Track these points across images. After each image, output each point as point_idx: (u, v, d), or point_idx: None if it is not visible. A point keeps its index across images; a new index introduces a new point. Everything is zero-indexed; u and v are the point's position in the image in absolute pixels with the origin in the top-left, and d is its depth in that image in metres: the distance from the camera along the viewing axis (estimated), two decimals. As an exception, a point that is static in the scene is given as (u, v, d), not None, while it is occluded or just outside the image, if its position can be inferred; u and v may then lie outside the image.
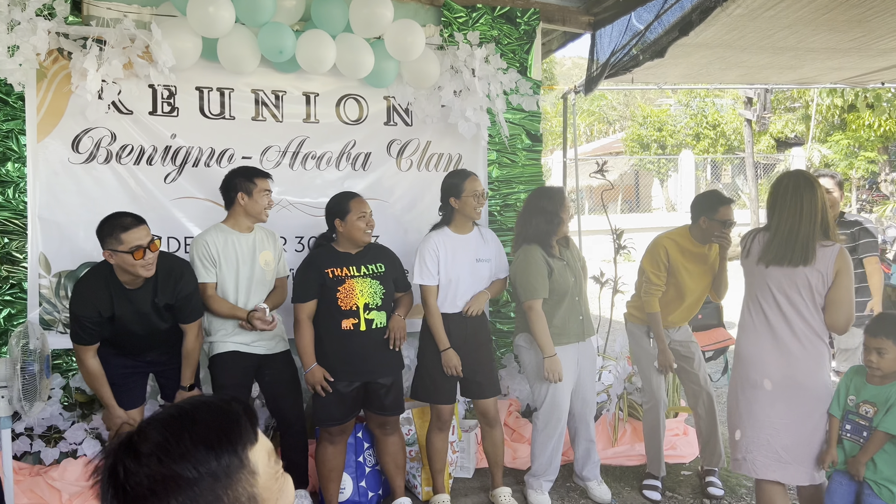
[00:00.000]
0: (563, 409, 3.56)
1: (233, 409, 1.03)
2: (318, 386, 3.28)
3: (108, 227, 2.89)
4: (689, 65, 5.46)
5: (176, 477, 0.94)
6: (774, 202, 2.85)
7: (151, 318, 3.07)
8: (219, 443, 0.98)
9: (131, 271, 2.91)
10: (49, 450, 3.59)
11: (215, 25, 3.46)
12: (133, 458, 0.95)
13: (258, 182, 3.31)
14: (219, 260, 3.31)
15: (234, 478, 0.98)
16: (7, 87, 3.48)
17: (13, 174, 3.57)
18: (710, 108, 19.65)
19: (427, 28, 4.23)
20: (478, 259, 3.55)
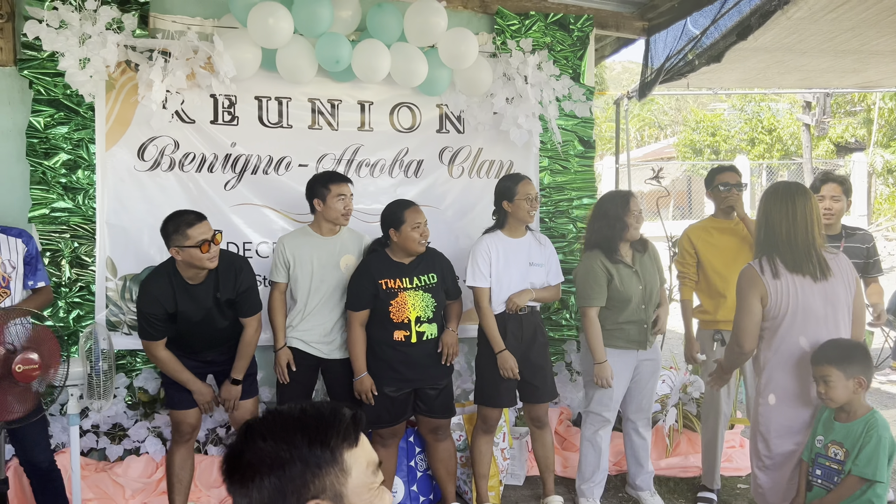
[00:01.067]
0: (610, 409, 3.54)
1: (340, 411, 1.13)
2: (365, 395, 3.34)
3: (172, 224, 3.00)
4: (747, 69, 5.37)
5: (272, 455, 1.06)
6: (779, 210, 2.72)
7: (213, 314, 3.16)
8: (314, 434, 1.09)
9: (197, 265, 3.02)
10: (114, 447, 3.72)
11: (275, 36, 3.55)
12: (250, 437, 1.10)
13: (332, 187, 3.37)
14: (292, 262, 3.41)
15: (323, 469, 1.07)
16: (78, 98, 3.64)
17: (83, 181, 3.72)
18: (766, 113, 19.18)
19: (480, 36, 4.26)
20: (531, 263, 3.55)
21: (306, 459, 1.06)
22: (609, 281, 3.46)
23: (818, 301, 2.63)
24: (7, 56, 3.67)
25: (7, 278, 3.02)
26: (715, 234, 3.74)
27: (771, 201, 2.73)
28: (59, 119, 3.67)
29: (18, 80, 3.68)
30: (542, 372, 3.57)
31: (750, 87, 7.73)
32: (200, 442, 3.81)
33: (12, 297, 3.03)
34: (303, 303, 3.43)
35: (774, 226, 2.68)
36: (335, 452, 1.08)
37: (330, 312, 3.46)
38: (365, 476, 1.11)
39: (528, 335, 3.54)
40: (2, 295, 2.99)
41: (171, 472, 3.29)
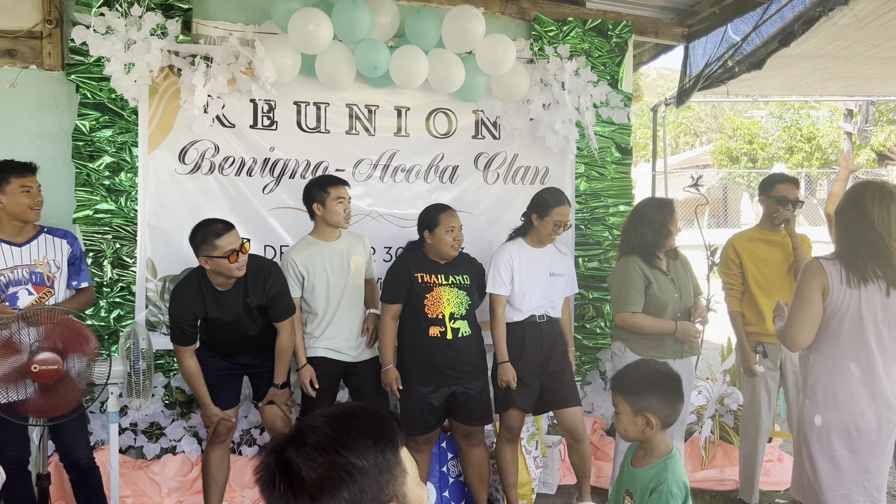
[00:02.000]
0: None
1: (385, 412, 1.12)
2: (390, 386, 3.35)
3: (201, 234, 3.03)
4: (788, 76, 5.28)
5: (349, 466, 1.02)
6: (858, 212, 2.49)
7: (242, 319, 3.19)
8: (382, 438, 1.07)
9: (226, 274, 3.05)
10: (151, 445, 3.78)
11: (314, 42, 3.59)
12: (307, 448, 1.04)
13: (331, 191, 3.36)
14: (306, 272, 3.40)
15: (394, 472, 1.07)
16: (122, 102, 3.72)
17: (126, 183, 3.80)
18: (805, 121, 18.83)
19: (517, 42, 4.25)
20: (552, 273, 3.54)
21: (380, 466, 1.05)
22: (647, 287, 3.43)
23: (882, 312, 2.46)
24: (55, 61, 3.77)
25: (51, 278, 3.10)
26: (760, 246, 3.67)
27: (867, 200, 2.47)
28: (103, 122, 3.75)
29: (66, 84, 3.77)
30: (563, 377, 3.54)
31: (791, 95, 7.59)
32: (235, 443, 3.86)
33: (56, 296, 3.10)
34: (323, 311, 3.44)
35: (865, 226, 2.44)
36: (398, 454, 1.08)
37: (352, 315, 3.48)
38: (413, 471, 1.12)
39: (549, 344, 3.52)
40: (46, 294, 3.06)
41: (207, 473, 3.33)
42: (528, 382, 3.46)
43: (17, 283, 3.04)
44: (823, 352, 2.54)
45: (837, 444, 2.51)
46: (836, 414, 2.50)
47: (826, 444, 2.52)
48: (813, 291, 2.47)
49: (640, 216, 3.53)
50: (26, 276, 3.05)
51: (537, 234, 3.51)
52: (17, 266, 3.04)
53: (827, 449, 2.53)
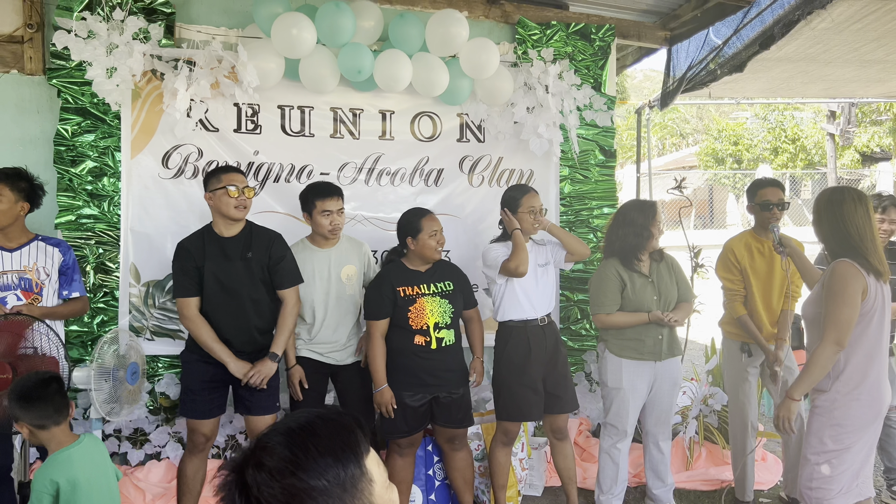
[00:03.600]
0: (626, 421, 3.50)
1: (347, 420, 1.08)
2: (384, 407, 3.32)
3: (213, 171, 3.22)
4: (770, 79, 5.33)
5: (309, 489, 0.99)
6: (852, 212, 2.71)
7: (242, 276, 3.14)
8: (343, 453, 1.03)
9: (225, 212, 3.12)
10: (135, 451, 3.76)
11: (298, 47, 3.59)
12: (265, 472, 1.00)
13: (318, 203, 3.34)
14: None
15: (358, 487, 1.03)
16: (105, 107, 3.70)
17: (108, 188, 3.78)
18: (790, 122, 18.99)
19: (501, 46, 4.27)
20: (539, 264, 3.56)
21: (343, 483, 1.02)
22: (622, 289, 3.45)
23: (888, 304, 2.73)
24: (36, 65, 3.74)
25: (40, 284, 3.08)
26: (756, 255, 3.66)
27: (846, 206, 2.70)
28: (85, 127, 3.73)
29: (47, 88, 3.75)
30: (565, 382, 3.57)
31: (774, 97, 7.66)
32: (220, 448, 3.84)
33: (44, 303, 3.08)
34: (310, 318, 3.43)
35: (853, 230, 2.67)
36: (362, 466, 1.05)
37: (339, 324, 3.46)
38: (381, 476, 1.09)
39: (552, 346, 3.53)
40: (34, 300, 3.04)
41: (182, 482, 3.28)
42: (538, 389, 3.46)
43: (5, 287, 3.02)
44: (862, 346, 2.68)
45: (868, 433, 2.69)
46: (870, 403, 2.68)
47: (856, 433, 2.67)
48: (854, 292, 2.62)
49: (622, 218, 3.55)
50: (15, 282, 3.03)
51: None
52: (6, 271, 3.03)
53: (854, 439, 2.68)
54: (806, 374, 2.70)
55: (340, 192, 3.41)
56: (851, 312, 2.61)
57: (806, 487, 2.76)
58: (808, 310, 2.82)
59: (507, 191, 3.63)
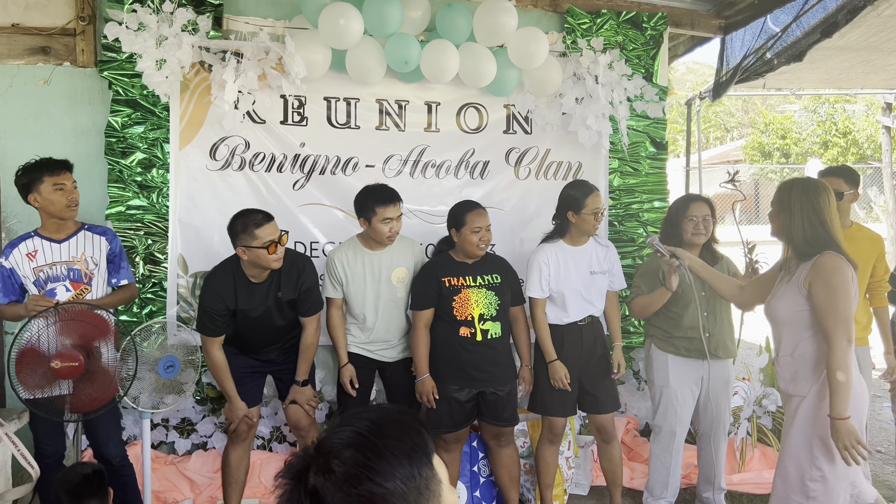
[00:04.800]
0: (674, 420, 3.40)
1: (411, 420, 1.04)
2: (426, 397, 3.30)
3: (240, 223, 3.00)
4: (829, 69, 5.13)
5: (386, 493, 0.95)
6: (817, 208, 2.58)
7: (272, 312, 3.17)
8: (416, 454, 0.99)
9: (263, 265, 3.02)
10: (182, 441, 3.80)
11: (345, 37, 3.56)
12: (337, 479, 0.95)
13: (378, 210, 3.22)
14: (346, 278, 3.35)
15: (431, 489, 0.99)
16: (154, 99, 3.72)
17: (157, 180, 3.80)
18: (841, 115, 18.40)
19: (550, 35, 4.18)
20: (592, 272, 3.45)
21: (418, 486, 0.97)
22: (663, 280, 3.36)
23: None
24: (88, 57, 3.79)
25: (89, 275, 3.11)
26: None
27: (819, 197, 2.55)
28: (135, 119, 3.76)
29: (98, 80, 3.79)
30: (603, 382, 3.47)
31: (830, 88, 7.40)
32: (265, 439, 3.85)
33: (93, 293, 3.11)
34: (361, 318, 3.39)
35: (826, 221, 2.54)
36: (432, 466, 1.01)
37: (388, 326, 3.42)
38: (445, 477, 1.05)
39: (588, 346, 3.44)
40: (84, 291, 3.07)
41: (227, 471, 3.30)
42: (569, 387, 3.39)
43: (55, 279, 3.05)
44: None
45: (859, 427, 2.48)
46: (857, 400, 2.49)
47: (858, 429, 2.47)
48: (851, 286, 2.47)
49: (667, 214, 3.54)
50: (64, 273, 3.06)
51: (578, 230, 3.43)
52: (55, 262, 3.06)
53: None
54: (836, 384, 2.40)
55: (399, 197, 3.31)
56: (851, 304, 2.46)
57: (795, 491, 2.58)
58: (780, 309, 2.61)
59: (567, 189, 3.46)
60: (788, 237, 2.61)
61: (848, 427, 2.38)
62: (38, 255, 3.03)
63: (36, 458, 2.89)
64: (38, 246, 3.04)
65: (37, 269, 3.02)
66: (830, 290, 2.45)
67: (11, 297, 3.03)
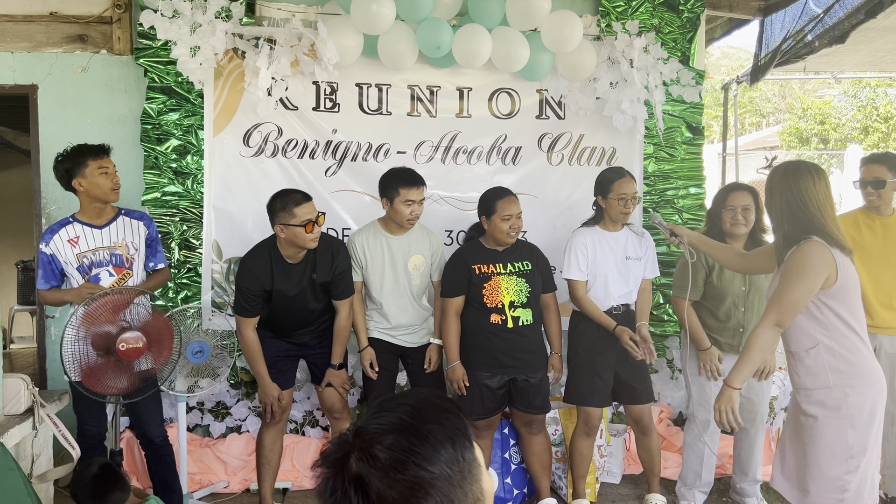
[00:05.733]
0: (709, 409, 3.35)
1: (449, 405, 1.02)
2: (457, 384, 3.30)
3: (280, 202, 3.04)
4: (872, 51, 4.98)
5: (433, 478, 0.94)
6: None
7: (306, 294, 3.19)
8: (460, 439, 0.98)
9: (300, 244, 3.06)
10: (217, 424, 3.85)
11: (377, 22, 3.54)
12: (381, 465, 0.94)
13: (402, 191, 3.24)
14: (365, 261, 3.37)
15: (473, 472, 0.99)
16: (189, 85, 3.75)
17: (192, 166, 3.84)
18: (882, 99, 17.89)
19: (584, 18, 4.11)
20: (627, 257, 3.42)
21: (462, 470, 0.96)
22: (706, 275, 3.31)
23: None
24: (124, 45, 3.84)
25: (130, 260, 3.15)
26: (865, 232, 3.46)
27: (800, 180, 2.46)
28: (170, 106, 3.80)
29: (134, 68, 3.84)
30: (640, 373, 3.43)
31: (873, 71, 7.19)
32: (298, 423, 3.89)
33: (134, 278, 3.15)
34: (379, 302, 3.41)
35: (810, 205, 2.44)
36: (474, 450, 1.00)
37: (408, 311, 3.43)
38: (482, 461, 1.04)
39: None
40: (126, 275, 3.11)
41: (261, 454, 3.35)
42: (602, 376, 3.38)
43: (98, 264, 3.10)
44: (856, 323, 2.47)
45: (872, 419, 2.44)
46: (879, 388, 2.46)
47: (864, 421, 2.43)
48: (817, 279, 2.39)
49: (715, 203, 3.44)
50: (107, 258, 3.11)
51: (608, 215, 3.40)
52: (98, 248, 3.10)
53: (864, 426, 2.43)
54: (745, 358, 2.45)
55: (423, 182, 3.33)
56: (802, 295, 2.38)
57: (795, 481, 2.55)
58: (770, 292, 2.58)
59: (601, 174, 3.47)
60: (774, 222, 2.55)
61: (731, 395, 2.45)
62: (80, 240, 3.08)
63: (78, 439, 2.96)
64: (79, 232, 3.09)
65: (80, 255, 3.07)
66: (787, 273, 2.42)
67: (52, 282, 3.09)
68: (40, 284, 3.09)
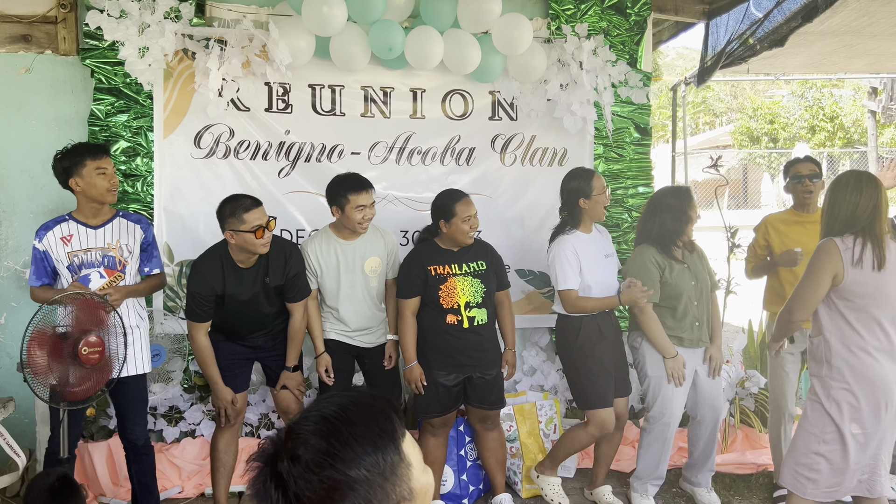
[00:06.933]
0: (673, 413, 3.43)
1: (380, 404, 1.04)
2: (415, 384, 3.33)
3: (229, 207, 3.02)
4: (811, 54, 5.16)
5: (349, 481, 0.95)
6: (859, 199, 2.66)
7: (260, 298, 3.18)
8: (381, 440, 0.99)
9: (250, 249, 3.04)
10: (170, 429, 3.81)
11: (329, 24, 3.55)
12: (301, 465, 0.96)
13: (351, 198, 3.24)
14: (320, 269, 3.37)
15: (398, 473, 1.00)
16: (137, 87, 3.71)
17: (142, 168, 3.80)
18: (828, 99, 18.49)
19: (534, 21, 4.18)
20: (606, 255, 3.51)
21: (383, 472, 0.98)
22: (661, 276, 3.38)
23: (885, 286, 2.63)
24: (70, 45, 3.76)
25: (123, 262, 3.09)
26: (794, 227, 3.63)
27: (837, 190, 2.71)
28: (119, 107, 3.75)
29: (81, 69, 3.77)
30: (625, 364, 3.58)
31: (814, 73, 7.43)
32: (253, 426, 3.88)
33: (126, 281, 3.09)
34: (334, 307, 3.42)
35: (838, 214, 2.68)
36: (401, 450, 1.01)
37: (363, 314, 3.44)
38: (417, 459, 1.05)
39: (616, 330, 3.53)
40: (117, 278, 3.05)
41: (215, 458, 3.33)
42: (611, 372, 3.43)
43: (89, 265, 3.04)
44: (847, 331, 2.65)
45: (872, 420, 2.62)
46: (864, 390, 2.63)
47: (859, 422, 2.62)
48: (824, 274, 2.62)
49: (660, 204, 3.46)
50: (99, 259, 3.05)
51: (589, 216, 3.45)
52: (90, 248, 3.04)
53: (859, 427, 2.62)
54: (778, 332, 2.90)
55: (371, 185, 3.33)
56: (812, 293, 2.65)
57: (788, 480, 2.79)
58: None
59: (570, 179, 3.47)
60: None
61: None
62: (73, 239, 3.02)
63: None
64: (73, 230, 3.04)
65: (71, 254, 3.01)
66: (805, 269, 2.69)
67: (44, 279, 3.03)
68: (31, 281, 3.03)
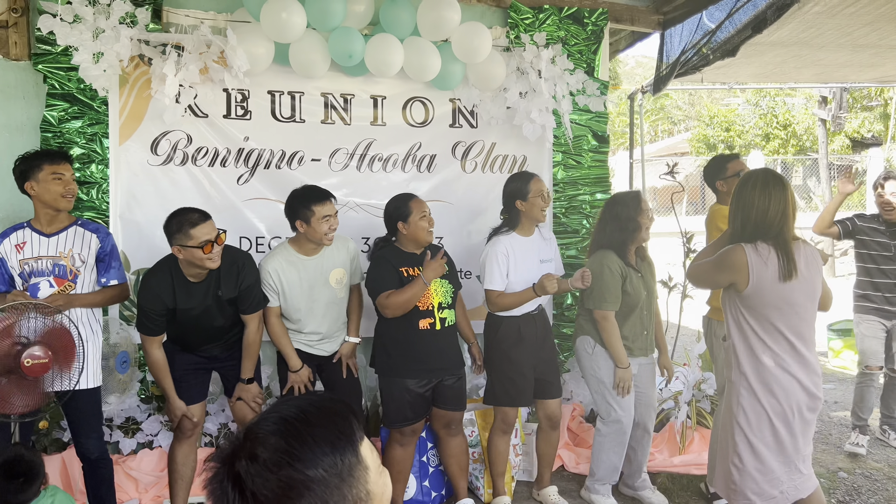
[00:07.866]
0: (628, 412, 3.50)
1: (340, 407, 1.05)
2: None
3: (176, 222, 2.93)
4: (762, 64, 5.31)
5: (306, 480, 0.96)
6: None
7: (212, 312, 3.11)
8: (339, 441, 1.01)
9: (199, 265, 2.96)
10: (127, 440, 3.74)
11: (287, 30, 3.54)
12: (259, 464, 0.97)
13: (317, 209, 3.18)
14: (282, 287, 3.30)
15: (354, 475, 1.01)
16: (92, 93, 3.65)
17: (97, 175, 3.73)
18: (781, 108, 18.99)
19: (493, 30, 4.23)
20: (542, 260, 3.53)
21: (340, 473, 0.99)
22: (622, 284, 3.42)
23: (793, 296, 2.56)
24: (21, 50, 3.68)
25: (75, 272, 3.02)
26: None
27: (744, 192, 2.59)
28: (72, 113, 3.68)
29: (33, 74, 3.69)
30: (554, 368, 3.59)
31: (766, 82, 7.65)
32: (213, 436, 3.83)
33: (78, 291, 3.02)
34: (299, 322, 3.37)
35: (746, 220, 2.57)
36: (358, 453, 1.02)
37: (328, 325, 3.42)
38: (374, 462, 1.06)
39: (541, 333, 3.54)
40: (67, 288, 2.97)
41: (173, 469, 3.27)
42: (527, 375, 3.47)
43: (39, 273, 2.97)
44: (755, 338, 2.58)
45: (781, 428, 2.57)
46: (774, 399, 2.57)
47: (768, 429, 2.57)
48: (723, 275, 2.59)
49: (610, 213, 3.50)
50: (49, 268, 2.98)
51: (528, 218, 3.48)
52: (41, 256, 2.98)
53: (769, 434, 2.57)
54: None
55: (332, 194, 3.31)
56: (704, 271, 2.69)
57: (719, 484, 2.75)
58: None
59: (509, 181, 3.54)
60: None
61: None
62: (25, 247, 2.96)
63: None
64: (27, 237, 2.97)
65: (22, 262, 2.95)
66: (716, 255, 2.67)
67: (1, 287, 2.96)
68: None
